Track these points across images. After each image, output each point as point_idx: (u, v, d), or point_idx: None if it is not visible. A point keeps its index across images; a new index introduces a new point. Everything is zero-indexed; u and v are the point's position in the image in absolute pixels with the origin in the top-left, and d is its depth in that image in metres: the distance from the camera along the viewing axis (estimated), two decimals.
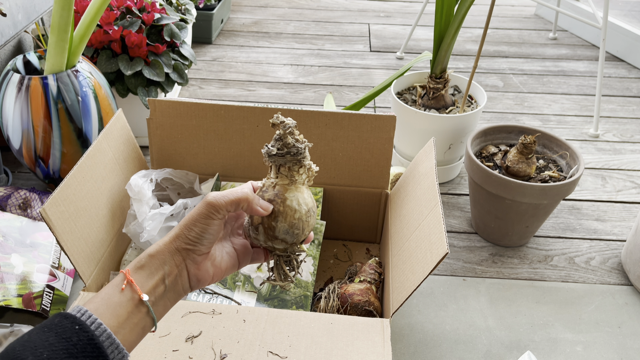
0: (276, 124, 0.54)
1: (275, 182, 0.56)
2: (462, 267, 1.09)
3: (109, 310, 0.45)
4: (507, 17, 2.35)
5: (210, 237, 0.52)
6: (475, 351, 0.91)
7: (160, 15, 1.32)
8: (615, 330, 0.96)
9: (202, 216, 0.51)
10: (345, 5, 2.43)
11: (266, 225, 0.55)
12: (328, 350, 0.69)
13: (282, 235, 0.55)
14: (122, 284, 0.47)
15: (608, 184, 1.35)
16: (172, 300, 0.51)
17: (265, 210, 0.54)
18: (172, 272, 0.50)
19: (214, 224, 0.52)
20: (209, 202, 0.52)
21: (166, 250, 0.50)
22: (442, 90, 1.28)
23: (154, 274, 0.49)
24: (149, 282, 0.49)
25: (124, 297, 0.47)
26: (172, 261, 0.50)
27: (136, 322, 0.47)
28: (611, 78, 1.86)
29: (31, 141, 1.09)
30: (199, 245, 0.51)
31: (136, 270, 0.49)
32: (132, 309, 0.47)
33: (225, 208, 0.52)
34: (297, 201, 0.55)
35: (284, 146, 0.54)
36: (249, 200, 0.53)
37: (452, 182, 1.34)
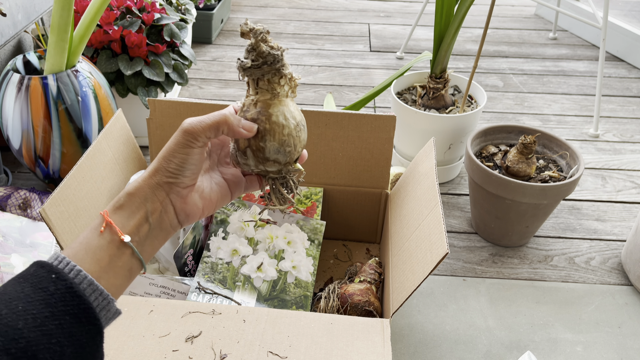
0: (245, 32, 0.48)
1: (256, 98, 0.50)
2: (462, 267, 1.09)
3: (88, 255, 0.42)
4: (507, 17, 2.35)
5: (192, 167, 0.48)
6: (475, 351, 0.91)
7: (160, 15, 1.32)
8: (615, 330, 0.96)
9: (180, 145, 0.47)
10: (345, 5, 2.43)
11: (254, 148, 0.49)
12: (328, 351, 0.69)
13: (274, 156, 0.50)
14: (101, 227, 0.44)
15: (608, 184, 1.35)
16: (161, 238, 0.48)
17: (249, 131, 0.49)
18: (156, 209, 0.46)
19: (193, 152, 0.47)
20: (185, 129, 0.47)
21: (146, 186, 0.46)
22: (442, 90, 1.28)
23: (135, 213, 0.46)
24: (130, 221, 0.45)
25: (103, 239, 0.44)
26: (155, 197, 0.46)
27: (120, 265, 0.44)
28: (611, 78, 1.86)
29: (31, 141, 1.09)
30: (181, 177, 0.47)
31: (115, 211, 0.46)
32: (115, 252, 0.44)
33: (204, 134, 0.47)
34: (283, 115, 0.50)
35: (259, 56, 0.48)
36: (229, 123, 0.48)
37: (452, 182, 1.34)
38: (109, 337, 0.69)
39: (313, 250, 0.94)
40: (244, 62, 0.49)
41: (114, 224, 0.45)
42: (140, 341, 0.69)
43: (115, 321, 0.71)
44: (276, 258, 0.92)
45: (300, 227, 0.96)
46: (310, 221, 0.97)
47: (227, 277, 0.89)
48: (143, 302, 0.74)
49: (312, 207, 1.00)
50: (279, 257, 0.92)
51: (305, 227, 0.97)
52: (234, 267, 0.90)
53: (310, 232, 0.96)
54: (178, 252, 0.88)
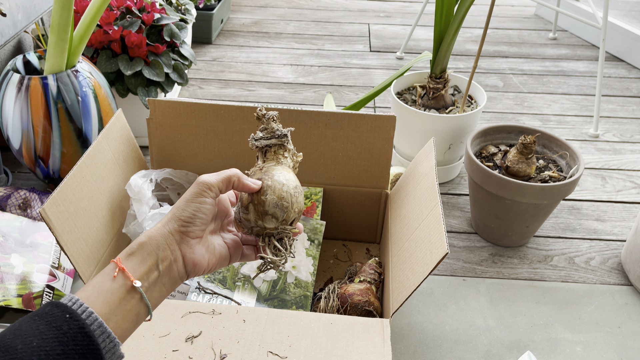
0: (260, 116, 0.58)
1: (263, 165, 0.58)
2: (462, 267, 1.09)
3: (100, 297, 0.45)
4: (507, 17, 2.35)
5: (204, 217, 0.52)
6: (475, 351, 0.91)
7: (160, 15, 1.32)
8: (615, 330, 0.96)
9: (195, 195, 0.52)
10: (345, 5, 2.43)
11: (256, 202, 0.55)
12: (328, 351, 0.69)
13: (272, 209, 0.55)
14: (114, 272, 0.47)
15: (608, 184, 1.35)
16: (168, 286, 0.50)
17: (255, 185, 0.55)
18: (166, 257, 0.49)
19: (206, 202, 0.52)
20: (202, 181, 0.53)
21: (159, 235, 0.50)
22: (442, 90, 1.28)
23: (146, 260, 0.48)
24: (141, 267, 0.48)
25: (115, 284, 0.46)
26: (166, 245, 0.50)
27: (129, 309, 0.46)
28: (611, 78, 1.86)
29: (31, 141, 1.09)
30: (192, 227, 0.51)
31: (127, 257, 0.48)
32: (124, 296, 0.46)
33: (217, 185, 0.53)
34: (284, 176, 0.56)
35: (269, 132, 0.58)
36: (239, 176, 0.54)
37: (452, 182, 1.34)
38: None
39: (313, 250, 0.94)
40: (256, 135, 0.58)
41: (126, 269, 0.47)
42: (140, 341, 0.69)
43: None
44: None
45: None
46: (310, 221, 0.97)
47: (227, 277, 0.89)
48: None
49: (312, 207, 1.00)
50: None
51: (305, 227, 0.97)
52: (234, 267, 0.90)
53: (310, 232, 0.96)
54: None
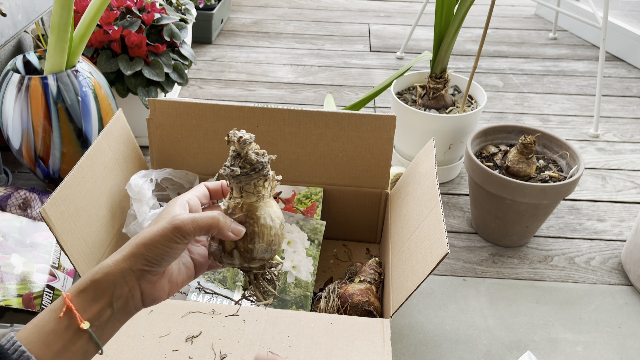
0: (232, 141, 0.49)
1: (242, 201, 0.50)
2: (462, 267, 1.09)
3: (41, 338, 0.42)
4: (507, 17, 2.35)
5: (171, 259, 0.47)
6: (475, 351, 0.91)
7: (160, 15, 1.32)
8: (615, 330, 0.96)
9: (166, 239, 0.46)
10: (345, 5, 2.43)
11: (242, 250, 0.50)
12: (328, 350, 0.69)
13: (261, 255, 0.51)
14: (61, 310, 0.43)
15: (608, 184, 1.35)
16: (123, 321, 0.47)
17: (237, 235, 0.49)
18: (122, 295, 0.45)
19: (177, 247, 0.46)
20: (176, 225, 0.46)
21: (117, 271, 0.45)
22: (442, 90, 1.28)
23: (99, 297, 0.44)
24: (92, 307, 0.44)
25: (60, 324, 0.42)
26: (124, 283, 0.45)
27: (75, 349, 0.43)
28: (611, 78, 1.86)
29: (31, 141, 1.09)
30: (156, 267, 0.46)
31: (78, 294, 0.44)
32: (70, 337, 0.43)
33: (193, 234, 0.47)
34: (270, 217, 0.51)
35: (248, 164, 0.49)
36: (220, 226, 0.48)
37: (452, 182, 1.34)
38: None
39: (313, 250, 0.94)
40: (233, 170, 0.49)
41: (75, 308, 0.43)
42: (140, 341, 0.69)
43: None
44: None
45: (300, 227, 0.96)
46: (310, 221, 0.97)
47: (227, 277, 0.89)
48: None
49: (312, 207, 1.00)
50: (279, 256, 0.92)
51: (305, 227, 0.97)
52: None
53: (310, 232, 0.96)
54: None
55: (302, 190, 1.02)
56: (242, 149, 0.49)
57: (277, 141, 0.99)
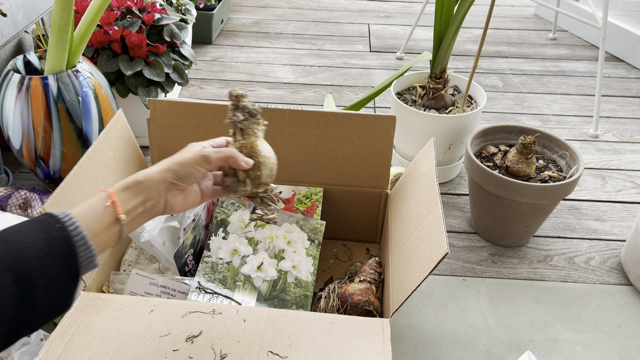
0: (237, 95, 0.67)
1: (245, 142, 0.68)
2: (461, 267, 1.09)
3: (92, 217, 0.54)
4: (506, 18, 2.36)
5: (194, 180, 0.62)
6: (475, 351, 0.92)
7: (161, 15, 1.33)
8: (615, 330, 0.96)
9: (195, 162, 0.61)
10: (345, 5, 2.43)
11: (252, 177, 0.67)
12: (328, 350, 0.69)
13: (266, 179, 0.68)
14: (108, 201, 0.55)
15: (608, 184, 1.35)
16: (147, 218, 0.60)
17: (248, 165, 0.65)
18: (153, 198, 0.59)
19: (201, 171, 0.62)
20: (204, 154, 0.62)
21: (154, 179, 0.59)
22: (441, 90, 1.28)
23: (137, 196, 0.58)
24: (131, 202, 0.57)
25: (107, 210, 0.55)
26: (157, 189, 0.59)
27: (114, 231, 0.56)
28: (611, 78, 1.87)
29: (31, 141, 1.10)
30: (182, 183, 0.61)
31: (122, 191, 0.57)
32: (111, 222, 0.55)
33: (216, 163, 0.63)
34: (267, 150, 0.68)
35: (247, 112, 0.67)
36: (236, 156, 0.64)
37: (452, 182, 1.34)
38: (109, 337, 0.69)
39: (313, 250, 0.95)
40: (237, 116, 0.67)
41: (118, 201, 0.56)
42: (141, 341, 0.69)
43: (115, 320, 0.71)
44: (276, 258, 0.92)
45: (300, 227, 0.96)
46: (310, 221, 0.97)
47: (228, 277, 0.89)
48: (143, 301, 0.74)
49: (312, 207, 1.01)
50: (279, 256, 0.93)
51: (305, 227, 0.97)
52: (234, 266, 0.91)
53: (310, 232, 0.96)
54: (178, 252, 0.88)
55: (302, 190, 1.02)
56: (240, 101, 0.67)
57: (277, 141, 0.99)
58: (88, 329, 0.70)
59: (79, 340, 0.68)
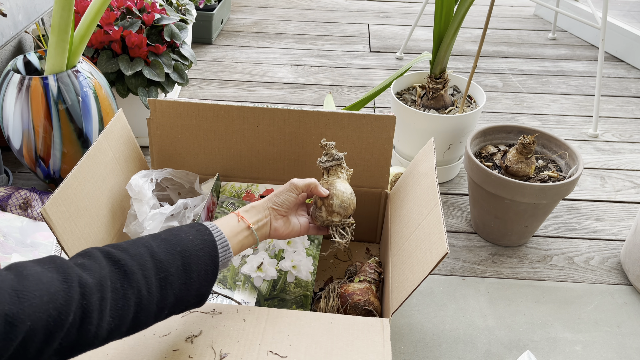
0: (324, 145, 0.86)
1: (327, 179, 0.85)
2: (461, 267, 1.10)
3: (228, 227, 0.72)
4: (506, 18, 2.36)
5: (288, 204, 0.79)
6: (475, 351, 0.92)
7: (161, 15, 1.33)
8: (615, 329, 0.97)
9: (286, 190, 0.80)
10: (345, 5, 2.44)
11: (326, 205, 0.82)
12: (328, 350, 0.69)
13: (337, 209, 0.81)
14: (238, 218, 0.74)
15: (607, 183, 1.35)
16: (260, 237, 0.76)
17: (324, 192, 0.82)
18: (262, 219, 0.77)
19: (292, 196, 0.80)
20: (292, 182, 0.80)
21: (263, 205, 0.78)
22: (441, 90, 1.29)
23: (254, 216, 0.76)
24: (251, 219, 0.75)
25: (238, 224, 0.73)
26: (265, 212, 0.77)
27: (240, 239, 0.73)
28: (610, 78, 1.87)
29: (32, 141, 1.10)
30: (280, 209, 0.79)
31: (244, 213, 0.76)
32: (240, 231, 0.73)
33: (301, 189, 0.80)
34: (343, 186, 0.83)
35: (331, 157, 0.85)
36: (316, 185, 0.82)
37: (451, 182, 1.35)
38: None
39: (313, 250, 0.95)
40: (322, 160, 0.86)
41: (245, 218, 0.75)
42: (141, 341, 0.69)
43: None
44: (276, 257, 0.92)
45: None
46: None
47: (228, 277, 0.89)
48: None
49: None
50: (279, 256, 0.93)
51: None
52: (234, 266, 0.91)
53: None
54: None
55: None
56: (329, 149, 0.86)
57: (277, 141, 0.99)
58: None
59: None
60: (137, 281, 0.57)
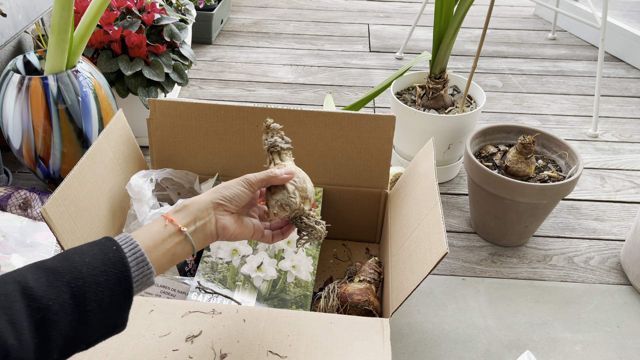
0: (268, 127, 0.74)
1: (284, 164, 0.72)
2: (461, 267, 1.10)
3: (149, 235, 0.59)
4: (506, 18, 2.36)
5: (239, 200, 0.67)
6: (475, 351, 0.92)
7: (160, 15, 1.33)
8: (614, 329, 0.96)
9: (238, 184, 0.67)
10: (344, 5, 2.44)
11: (300, 189, 0.70)
12: (328, 350, 0.69)
13: (309, 194, 0.71)
14: (165, 222, 0.61)
15: (607, 183, 1.35)
16: (202, 240, 0.64)
17: (290, 174, 0.70)
18: (202, 217, 0.64)
19: (244, 192, 0.67)
20: (246, 177, 0.68)
21: (200, 201, 0.65)
22: (441, 90, 1.29)
23: (188, 216, 0.63)
24: (182, 221, 0.63)
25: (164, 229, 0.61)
26: (204, 209, 0.64)
27: (168, 248, 0.60)
28: (610, 78, 1.87)
29: (31, 141, 1.10)
30: (228, 204, 0.66)
31: (174, 213, 0.63)
32: (167, 237, 0.60)
33: (256, 184, 0.68)
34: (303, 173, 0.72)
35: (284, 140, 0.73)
36: (275, 174, 0.69)
37: (451, 182, 1.35)
38: None
39: (313, 250, 0.95)
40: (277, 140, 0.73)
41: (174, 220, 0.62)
42: (141, 341, 0.69)
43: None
44: (276, 257, 0.92)
45: None
46: None
47: (227, 277, 0.89)
48: (143, 301, 0.75)
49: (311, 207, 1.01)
50: (278, 256, 0.93)
51: None
52: (234, 266, 0.91)
53: None
54: None
55: None
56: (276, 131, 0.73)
57: None
58: None
59: None
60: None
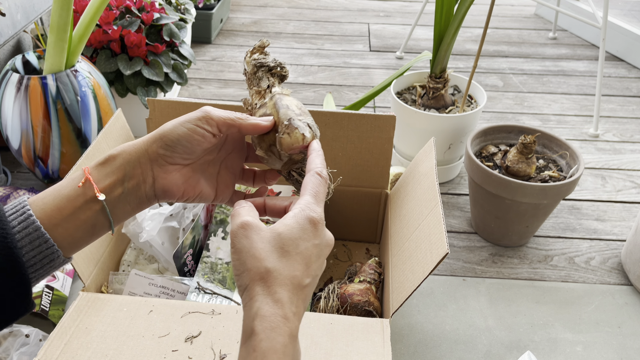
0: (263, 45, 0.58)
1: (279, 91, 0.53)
2: (462, 267, 1.09)
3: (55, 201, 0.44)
4: (506, 17, 2.35)
5: (188, 146, 0.46)
6: (475, 351, 0.91)
7: (160, 15, 1.32)
8: (615, 330, 0.96)
9: (191, 122, 0.46)
10: (344, 4, 2.43)
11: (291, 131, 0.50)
12: (328, 351, 0.69)
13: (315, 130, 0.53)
14: (81, 181, 0.44)
15: (608, 183, 1.35)
16: (134, 205, 0.47)
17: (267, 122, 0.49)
18: (134, 175, 0.45)
19: (197, 132, 0.46)
20: (206, 110, 0.47)
21: (133, 150, 0.46)
22: (441, 90, 1.28)
23: (113, 172, 0.45)
24: (106, 180, 0.45)
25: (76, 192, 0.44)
26: (137, 163, 0.45)
27: (84, 218, 0.44)
28: (611, 78, 1.86)
29: (30, 141, 1.09)
30: (170, 151, 0.46)
31: (95, 167, 0.45)
32: (82, 205, 0.44)
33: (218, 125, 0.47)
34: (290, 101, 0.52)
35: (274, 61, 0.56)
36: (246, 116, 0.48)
37: (452, 182, 1.34)
38: (109, 337, 0.69)
39: None
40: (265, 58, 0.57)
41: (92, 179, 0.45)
42: (140, 341, 0.69)
43: (114, 321, 0.71)
44: None
45: None
46: None
47: (227, 277, 0.89)
48: (142, 302, 0.74)
49: None
50: None
51: None
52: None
53: None
54: (177, 252, 0.88)
55: None
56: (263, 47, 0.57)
57: None
58: (87, 329, 0.70)
59: (78, 341, 0.68)
60: None
